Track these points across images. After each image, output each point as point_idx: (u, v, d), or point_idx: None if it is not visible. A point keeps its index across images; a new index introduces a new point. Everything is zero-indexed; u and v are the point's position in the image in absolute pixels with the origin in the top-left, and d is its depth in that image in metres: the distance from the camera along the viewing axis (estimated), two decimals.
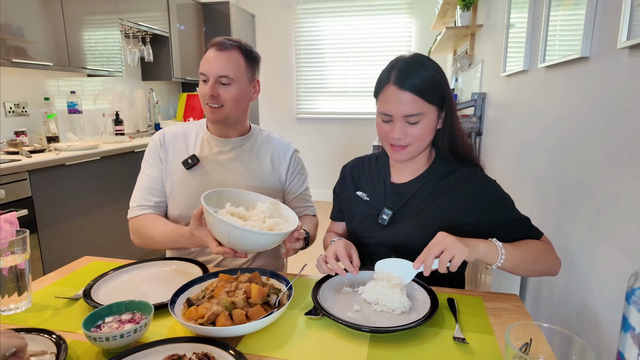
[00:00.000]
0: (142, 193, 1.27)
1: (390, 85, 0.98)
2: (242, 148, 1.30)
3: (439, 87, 0.99)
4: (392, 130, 0.99)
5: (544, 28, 1.50)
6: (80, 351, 0.74)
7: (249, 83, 1.25)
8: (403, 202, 1.07)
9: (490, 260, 0.90)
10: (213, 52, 1.20)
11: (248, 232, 0.89)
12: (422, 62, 0.99)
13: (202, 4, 4.17)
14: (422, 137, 1.00)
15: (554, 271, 0.99)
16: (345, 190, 1.20)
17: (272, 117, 4.96)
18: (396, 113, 0.98)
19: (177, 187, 1.26)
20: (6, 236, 0.88)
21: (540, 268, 0.97)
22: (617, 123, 1.00)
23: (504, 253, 0.90)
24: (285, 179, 1.35)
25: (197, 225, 1.01)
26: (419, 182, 1.07)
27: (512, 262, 0.92)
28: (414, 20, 4.42)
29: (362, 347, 0.75)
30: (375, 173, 1.16)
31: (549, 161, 1.45)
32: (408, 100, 0.96)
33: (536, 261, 0.96)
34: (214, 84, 1.18)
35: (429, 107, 0.98)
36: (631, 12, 0.91)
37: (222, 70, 1.18)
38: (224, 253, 0.97)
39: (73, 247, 2.36)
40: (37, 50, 2.39)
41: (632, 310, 0.47)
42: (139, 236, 1.23)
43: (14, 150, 2.32)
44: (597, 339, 1.04)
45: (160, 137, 1.30)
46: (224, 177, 1.27)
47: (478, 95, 2.63)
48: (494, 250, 0.90)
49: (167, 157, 1.29)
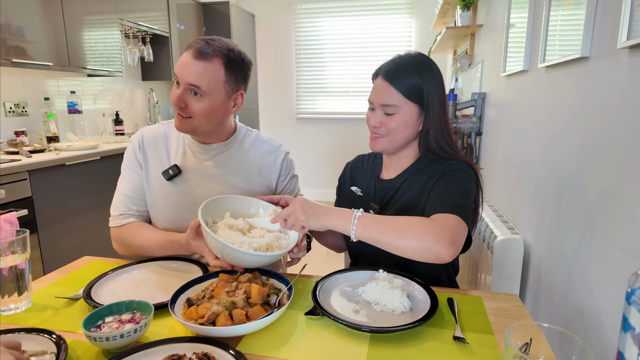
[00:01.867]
0: (122, 201, 1.19)
1: (379, 76, 1.06)
2: (227, 154, 1.20)
3: (419, 89, 1.03)
4: (372, 118, 1.07)
5: (544, 28, 1.50)
6: (80, 351, 0.74)
7: (226, 97, 1.10)
8: (388, 198, 1.12)
9: (343, 230, 0.89)
10: (189, 57, 1.04)
11: (243, 254, 0.89)
12: (414, 64, 1.04)
13: (202, 4, 4.17)
14: (396, 130, 1.04)
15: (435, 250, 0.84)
16: (343, 185, 1.25)
17: (272, 117, 4.95)
18: (375, 101, 1.05)
19: (158, 198, 1.18)
20: (6, 236, 0.88)
21: (408, 243, 0.85)
22: (617, 123, 1.00)
23: (356, 223, 0.87)
24: (275, 185, 1.26)
25: (193, 236, 1.00)
26: (402, 178, 1.12)
27: (370, 234, 0.87)
28: (414, 20, 4.41)
29: (362, 347, 0.75)
30: (370, 169, 1.21)
31: (549, 161, 1.45)
32: (387, 91, 1.03)
33: (401, 235, 0.85)
34: (183, 92, 1.05)
35: (406, 102, 1.03)
36: (631, 12, 0.91)
37: (195, 80, 1.03)
38: (221, 267, 0.97)
39: (73, 247, 2.36)
40: (37, 50, 2.39)
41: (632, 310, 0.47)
42: (125, 246, 1.16)
43: (14, 150, 2.32)
44: (597, 339, 1.04)
45: (139, 140, 1.19)
46: (207, 189, 1.17)
47: (478, 95, 2.63)
48: (345, 220, 0.89)
49: (147, 163, 1.18)
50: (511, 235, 1.59)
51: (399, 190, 1.11)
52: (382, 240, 0.88)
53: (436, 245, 0.84)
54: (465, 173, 1.03)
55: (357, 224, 0.87)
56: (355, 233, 0.88)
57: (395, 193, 1.11)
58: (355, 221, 0.87)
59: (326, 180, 4.88)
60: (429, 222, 0.89)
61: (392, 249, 0.88)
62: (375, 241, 0.88)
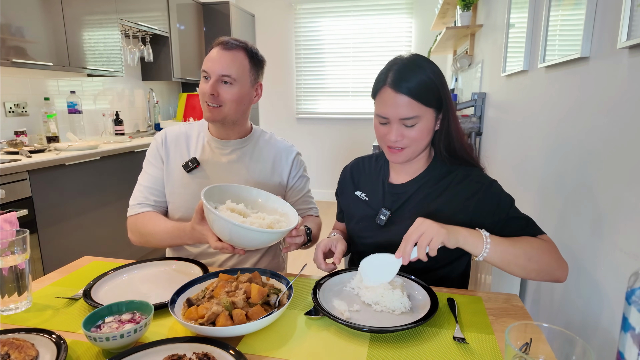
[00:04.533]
0: (142, 192, 1.27)
1: (386, 88, 0.97)
2: (243, 150, 1.30)
3: (435, 89, 0.98)
4: (389, 133, 0.99)
5: (544, 28, 1.50)
6: (80, 351, 0.74)
7: (251, 85, 1.24)
8: (401, 203, 1.07)
9: (474, 249, 0.87)
10: (217, 51, 1.18)
11: (247, 230, 0.89)
12: (419, 63, 0.98)
13: (202, 4, 4.17)
14: (419, 139, 1.00)
15: (557, 274, 0.92)
16: (345, 191, 1.20)
17: (272, 117, 4.96)
18: (392, 116, 0.97)
19: (177, 189, 1.26)
20: (6, 236, 0.88)
21: (536, 266, 0.90)
22: (617, 123, 1.00)
23: (490, 242, 0.86)
24: (286, 182, 1.34)
25: (198, 220, 1.02)
26: (417, 183, 1.07)
27: (500, 255, 0.87)
28: (414, 20, 4.42)
29: (362, 347, 0.75)
30: (375, 173, 1.16)
31: (549, 161, 1.45)
32: (404, 104, 0.95)
33: (530, 258, 0.89)
34: (215, 82, 1.17)
35: (425, 109, 0.97)
36: (631, 12, 0.91)
37: (225, 69, 1.17)
38: (222, 249, 0.97)
39: (73, 247, 2.36)
40: (37, 50, 2.39)
41: (632, 310, 0.47)
42: (137, 234, 1.23)
43: (14, 150, 2.32)
44: (597, 339, 1.04)
45: (162, 137, 1.30)
46: (224, 180, 1.26)
47: (478, 95, 2.63)
48: (477, 238, 0.87)
49: (168, 157, 1.28)
50: None
51: (413, 197, 1.06)
52: (513, 261, 0.89)
53: (559, 270, 0.92)
54: (495, 187, 1.02)
55: (490, 243, 0.86)
56: (487, 253, 0.86)
57: (409, 198, 1.06)
58: (488, 240, 0.86)
59: (326, 181, 4.88)
60: (550, 247, 0.93)
61: (519, 270, 0.90)
62: (505, 261, 0.88)
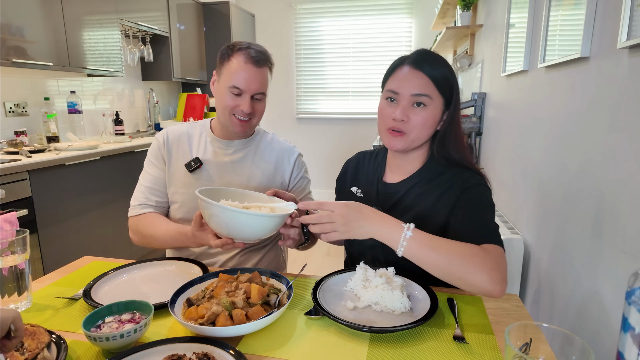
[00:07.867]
0: (143, 192, 1.27)
1: (405, 66, 0.98)
2: (246, 150, 1.30)
3: (450, 84, 0.98)
4: (395, 111, 0.97)
5: (544, 28, 1.50)
6: (80, 351, 0.74)
7: None
8: (392, 203, 1.06)
9: (392, 244, 0.83)
10: (250, 68, 1.16)
11: (244, 215, 0.87)
12: (439, 57, 1.00)
13: (202, 4, 4.17)
14: (421, 127, 0.97)
15: (484, 287, 0.81)
16: (342, 184, 1.21)
17: (272, 117, 4.95)
18: (405, 91, 0.96)
19: (179, 189, 1.26)
20: (6, 236, 0.88)
21: (457, 274, 0.82)
22: (617, 123, 1.00)
23: (408, 238, 0.81)
24: (288, 182, 1.34)
25: (197, 227, 1.02)
26: (408, 184, 1.05)
27: (419, 254, 0.82)
28: (414, 20, 4.42)
29: (362, 347, 0.75)
30: (372, 169, 1.15)
31: (549, 161, 1.45)
32: (420, 79, 0.96)
33: (452, 264, 0.81)
34: (250, 100, 1.18)
35: (437, 95, 0.96)
36: (631, 12, 0.91)
37: (260, 88, 1.19)
38: (223, 245, 0.96)
39: (73, 247, 2.36)
40: (37, 50, 2.38)
41: (632, 310, 0.47)
42: (139, 235, 1.23)
43: (14, 150, 2.32)
44: (597, 339, 1.04)
45: (164, 137, 1.30)
46: (226, 180, 1.26)
47: (478, 95, 2.64)
48: (391, 234, 0.83)
49: (170, 158, 1.28)
50: (511, 235, 1.59)
51: (404, 197, 1.05)
52: (432, 265, 0.82)
53: (490, 284, 0.80)
54: (487, 190, 0.98)
55: (407, 243, 0.81)
56: (403, 251, 0.82)
57: (400, 199, 1.05)
58: (405, 241, 0.81)
59: (326, 181, 4.87)
60: (484, 256, 0.83)
61: (441, 276, 0.83)
62: (422, 264, 0.83)
